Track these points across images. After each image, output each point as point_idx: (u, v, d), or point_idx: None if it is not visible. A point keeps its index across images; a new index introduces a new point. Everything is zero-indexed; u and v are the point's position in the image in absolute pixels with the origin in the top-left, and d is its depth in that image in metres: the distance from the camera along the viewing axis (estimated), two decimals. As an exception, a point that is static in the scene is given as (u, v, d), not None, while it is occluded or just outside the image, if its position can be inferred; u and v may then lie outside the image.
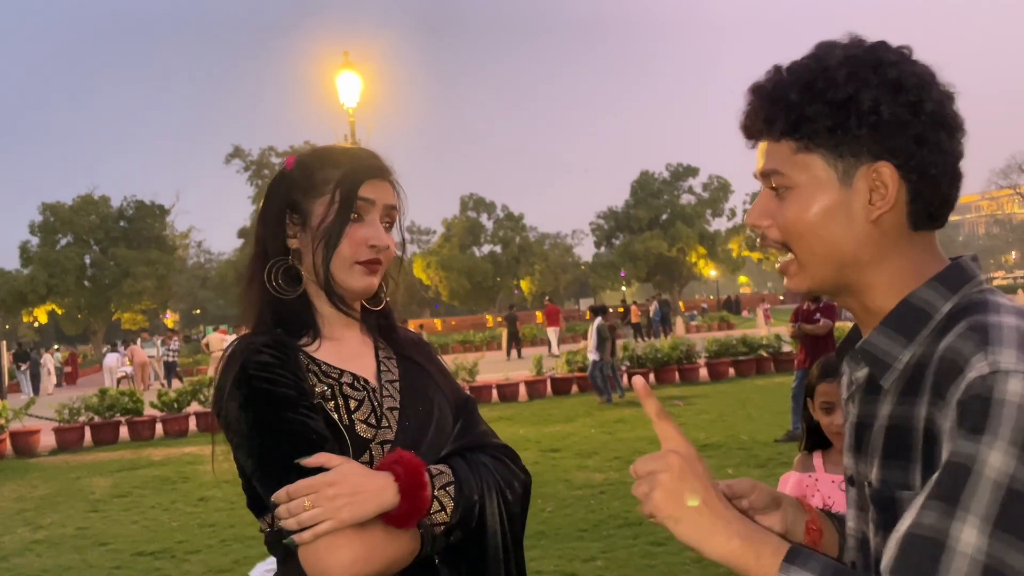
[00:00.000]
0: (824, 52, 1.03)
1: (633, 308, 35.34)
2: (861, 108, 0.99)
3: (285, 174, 1.50)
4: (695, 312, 50.80)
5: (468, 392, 1.60)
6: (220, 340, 20.30)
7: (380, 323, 1.55)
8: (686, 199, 63.11)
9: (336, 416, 1.37)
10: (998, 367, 0.87)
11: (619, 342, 15.55)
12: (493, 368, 18.19)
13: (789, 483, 2.69)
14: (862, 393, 1.06)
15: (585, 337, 16.20)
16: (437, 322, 48.20)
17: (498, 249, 63.81)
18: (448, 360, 1.85)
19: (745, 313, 48.63)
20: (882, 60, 1.00)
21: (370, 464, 1.36)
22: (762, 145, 1.07)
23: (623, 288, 64.68)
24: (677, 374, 16.00)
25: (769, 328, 25.93)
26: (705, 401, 12.77)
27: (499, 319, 45.00)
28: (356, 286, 1.45)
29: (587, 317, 17.30)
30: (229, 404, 1.34)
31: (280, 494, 1.24)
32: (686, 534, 0.96)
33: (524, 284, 63.29)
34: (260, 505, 1.37)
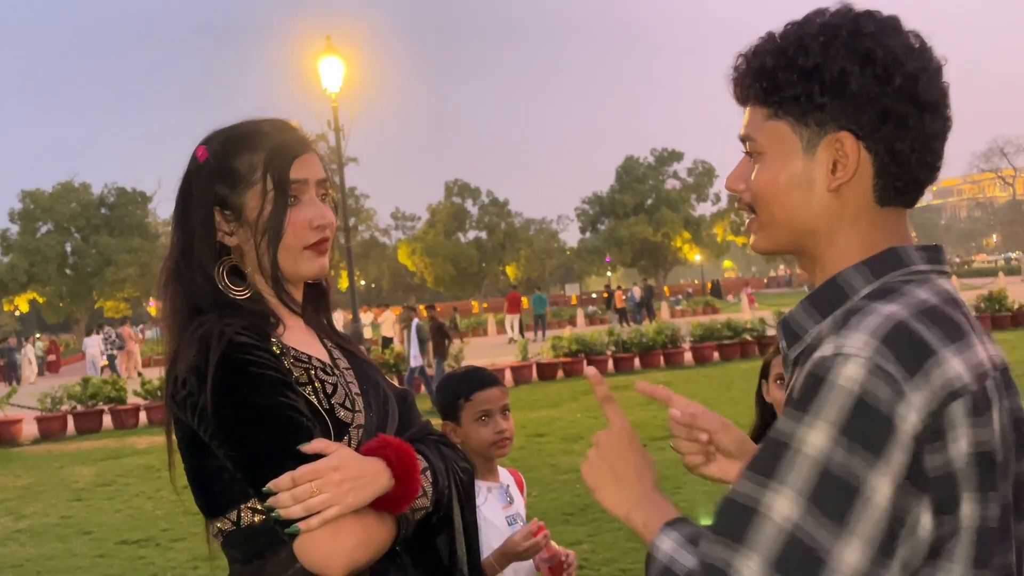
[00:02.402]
0: (807, 19, 1.03)
1: (617, 293, 35.45)
2: (827, 78, 0.98)
3: (201, 167, 1.38)
4: (680, 296, 50.97)
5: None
6: None
7: (319, 307, 1.51)
8: (671, 184, 63.22)
9: (315, 400, 1.33)
10: (841, 349, 0.88)
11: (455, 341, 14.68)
12: (481, 353, 18.20)
13: None
14: (791, 364, 1.08)
15: (572, 323, 16.17)
16: (422, 308, 48.31)
17: (483, 235, 63.74)
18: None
19: (730, 298, 48.82)
20: (859, 30, 0.99)
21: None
22: (746, 110, 1.08)
23: (608, 273, 64.80)
24: (662, 359, 16.06)
25: (753, 312, 26.05)
26: (690, 385, 12.83)
27: (485, 304, 45.13)
28: (309, 271, 1.39)
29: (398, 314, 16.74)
30: (211, 391, 1.24)
31: (283, 480, 1.19)
32: (601, 500, 1.11)
33: (509, 270, 63.27)
34: (220, 504, 1.31)
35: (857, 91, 0.98)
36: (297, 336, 1.42)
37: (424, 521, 1.36)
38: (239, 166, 1.36)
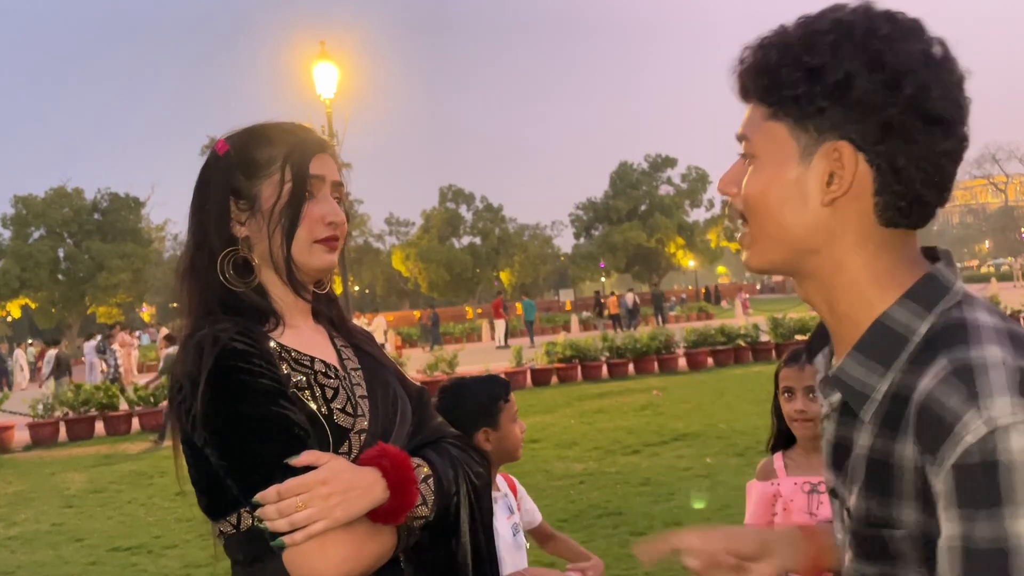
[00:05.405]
0: (821, 14, 0.95)
1: (612, 299, 35.48)
2: (830, 79, 0.90)
3: (219, 159, 1.40)
4: (674, 301, 50.98)
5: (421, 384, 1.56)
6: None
7: (328, 310, 1.51)
8: (664, 190, 63.30)
9: (314, 405, 1.31)
10: (995, 424, 0.79)
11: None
12: (475, 359, 18.18)
13: (753, 495, 2.54)
14: (838, 415, 0.99)
15: (567, 328, 16.16)
16: (416, 313, 48.21)
17: (477, 240, 63.66)
18: (427, 351, 1.80)
19: (723, 303, 48.86)
20: (873, 31, 0.91)
21: (349, 454, 1.31)
22: (748, 107, 1.00)
23: (603, 279, 64.83)
24: (656, 364, 16.08)
25: (747, 317, 26.08)
26: (684, 390, 12.84)
27: (479, 310, 45.21)
28: (318, 265, 1.39)
29: (161, 346, 16.05)
30: (202, 399, 1.23)
31: (269, 493, 1.18)
32: None
33: (504, 275, 63.20)
34: (221, 507, 1.30)
35: (861, 97, 0.90)
36: (303, 336, 1.41)
37: (429, 528, 1.33)
38: (258, 157, 1.38)
